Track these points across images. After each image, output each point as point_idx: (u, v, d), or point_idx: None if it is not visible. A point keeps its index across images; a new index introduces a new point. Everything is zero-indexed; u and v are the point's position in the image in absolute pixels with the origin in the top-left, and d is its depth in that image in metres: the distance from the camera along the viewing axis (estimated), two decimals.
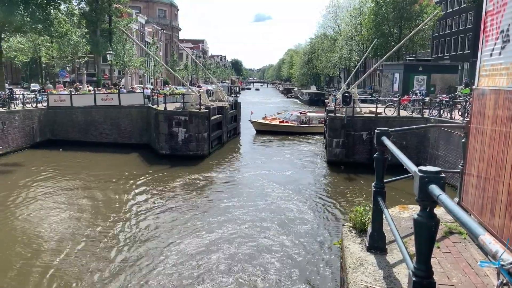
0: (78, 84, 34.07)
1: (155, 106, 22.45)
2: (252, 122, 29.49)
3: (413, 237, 2.49)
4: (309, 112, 32.89)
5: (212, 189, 15.33)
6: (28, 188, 14.68)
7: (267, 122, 29.53)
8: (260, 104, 56.61)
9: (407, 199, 11.43)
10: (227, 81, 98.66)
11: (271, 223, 11.45)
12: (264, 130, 28.69)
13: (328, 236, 10.47)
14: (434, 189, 2.07)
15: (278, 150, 23.40)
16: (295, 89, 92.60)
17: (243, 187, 15.59)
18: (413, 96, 22.89)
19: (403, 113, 19.06)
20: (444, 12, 47.89)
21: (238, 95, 52.65)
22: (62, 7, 26.39)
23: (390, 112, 18.84)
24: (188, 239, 10.19)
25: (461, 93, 22.51)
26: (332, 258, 9.01)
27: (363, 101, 29.32)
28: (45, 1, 23.56)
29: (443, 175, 2.15)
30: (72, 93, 25.87)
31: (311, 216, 12.14)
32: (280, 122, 29.64)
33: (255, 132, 29.25)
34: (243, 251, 9.47)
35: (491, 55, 4.13)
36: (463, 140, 5.32)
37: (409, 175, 2.65)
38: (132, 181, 15.84)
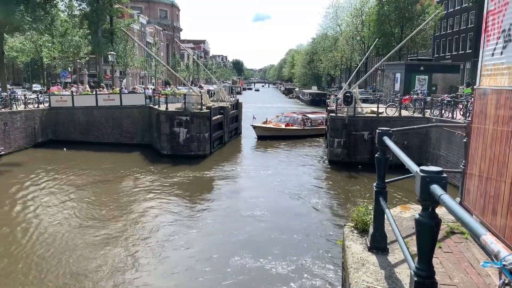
0: (100, 86, 32.91)
1: (156, 107, 22.49)
2: (254, 127, 26.34)
3: (414, 237, 2.48)
4: (311, 113, 32.53)
5: (213, 189, 15.35)
6: (30, 187, 14.71)
7: (271, 126, 27.14)
8: (262, 107, 56.37)
9: (409, 199, 11.41)
10: (228, 81, 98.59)
11: (272, 222, 11.46)
12: (267, 136, 26.11)
13: (330, 236, 10.46)
14: (436, 189, 2.06)
15: (280, 150, 23.38)
16: (297, 89, 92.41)
17: (245, 187, 15.61)
18: (415, 96, 22.84)
19: (404, 113, 19.01)
20: (446, 12, 47.82)
21: (237, 95, 52.09)
22: (60, 4, 26.38)
23: (392, 112, 18.82)
24: (188, 238, 10.20)
25: (463, 92, 22.45)
26: (333, 258, 9.00)
27: (365, 101, 29.22)
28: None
29: (444, 175, 2.14)
30: (74, 93, 25.90)
31: (313, 216, 12.14)
32: (285, 125, 27.55)
33: (257, 138, 26.31)
34: (243, 251, 9.46)
35: (492, 54, 4.13)
36: (464, 140, 5.30)
37: (410, 175, 2.65)
38: (134, 181, 15.88)
